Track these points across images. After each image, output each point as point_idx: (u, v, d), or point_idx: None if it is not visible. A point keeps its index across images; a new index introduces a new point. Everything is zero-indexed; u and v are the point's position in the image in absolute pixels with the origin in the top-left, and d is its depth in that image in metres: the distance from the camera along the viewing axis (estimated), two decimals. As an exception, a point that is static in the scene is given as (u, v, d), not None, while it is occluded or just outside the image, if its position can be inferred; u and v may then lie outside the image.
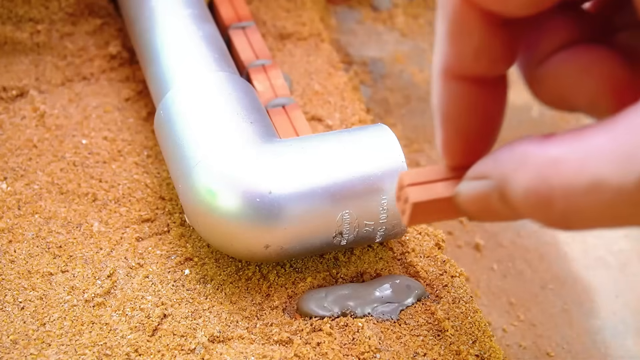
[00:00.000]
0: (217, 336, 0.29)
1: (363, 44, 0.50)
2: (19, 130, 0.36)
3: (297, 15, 0.45)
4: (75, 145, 0.36)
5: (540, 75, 0.23)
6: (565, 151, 0.20)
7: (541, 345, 0.36)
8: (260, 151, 0.30)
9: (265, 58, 0.38)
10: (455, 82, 0.23)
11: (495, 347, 0.30)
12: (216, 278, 0.31)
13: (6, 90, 0.38)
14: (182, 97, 0.32)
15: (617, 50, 0.21)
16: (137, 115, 0.38)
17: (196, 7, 0.38)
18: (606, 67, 0.22)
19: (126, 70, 0.40)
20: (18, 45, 0.40)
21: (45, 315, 0.29)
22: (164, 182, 0.35)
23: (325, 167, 0.29)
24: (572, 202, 0.20)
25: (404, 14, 0.53)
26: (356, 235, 0.30)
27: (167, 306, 0.30)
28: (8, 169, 0.35)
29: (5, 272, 0.31)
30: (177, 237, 0.33)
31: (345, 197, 0.29)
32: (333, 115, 0.39)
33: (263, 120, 0.32)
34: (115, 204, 0.34)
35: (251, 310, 0.30)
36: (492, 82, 0.24)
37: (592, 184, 0.19)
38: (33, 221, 0.33)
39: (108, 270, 0.31)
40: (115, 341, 0.28)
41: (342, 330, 0.29)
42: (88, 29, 0.42)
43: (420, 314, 0.30)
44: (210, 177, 0.29)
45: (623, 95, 0.21)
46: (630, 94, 0.20)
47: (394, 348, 0.29)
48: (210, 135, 0.30)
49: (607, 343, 0.37)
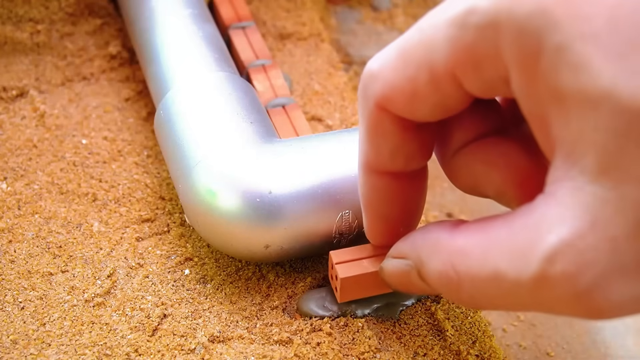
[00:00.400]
0: (217, 336, 0.29)
1: (363, 44, 0.50)
2: (19, 130, 0.36)
3: (297, 15, 0.45)
4: (75, 145, 0.36)
5: (454, 166, 0.25)
6: (470, 243, 0.22)
7: (541, 345, 0.36)
8: (260, 151, 0.30)
9: (265, 58, 0.38)
10: (375, 176, 0.25)
11: (495, 347, 0.30)
12: (216, 278, 0.31)
13: (6, 90, 0.38)
14: (182, 97, 0.32)
15: (523, 141, 0.23)
16: (137, 115, 0.38)
17: (196, 7, 0.38)
18: (511, 160, 0.23)
19: (126, 70, 0.40)
20: (18, 45, 0.40)
21: (45, 315, 0.29)
22: (164, 182, 0.35)
23: (325, 167, 0.29)
24: (477, 288, 0.21)
25: (404, 14, 0.53)
26: (356, 235, 0.30)
27: (167, 306, 0.30)
28: (8, 169, 0.35)
29: (5, 272, 0.31)
30: (177, 237, 0.33)
31: (345, 197, 0.29)
32: (333, 115, 0.39)
33: (263, 120, 0.32)
34: (115, 204, 0.34)
35: (251, 310, 0.30)
36: (411, 175, 0.25)
37: (493, 276, 0.20)
38: (33, 221, 0.33)
39: (108, 270, 0.31)
40: (115, 341, 0.28)
41: (342, 330, 0.29)
42: (88, 29, 0.42)
43: (420, 314, 0.30)
44: (210, 177, 0.29)
45: (527, 187, 0.22)
46: (534, 184, 0.21)
47: (394, 348, 0.29)
48: (210, 135, 0.30)
49: (607, 343, 0.37)
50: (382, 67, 0.22)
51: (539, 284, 0.19)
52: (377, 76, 0.22)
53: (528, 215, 0.20)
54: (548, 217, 0.19)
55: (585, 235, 0.18)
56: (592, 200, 0.18)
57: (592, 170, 0.18)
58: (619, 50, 0.18)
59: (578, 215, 0.19)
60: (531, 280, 0.19)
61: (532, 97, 0.19)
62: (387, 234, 0.27)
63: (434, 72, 0.21)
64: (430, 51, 0.21)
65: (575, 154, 0.19)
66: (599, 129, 0.18)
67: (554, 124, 0.19)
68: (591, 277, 0.19)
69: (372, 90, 0.23)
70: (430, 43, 0.21)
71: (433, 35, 0.21)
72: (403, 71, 0.22)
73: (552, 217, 0.19)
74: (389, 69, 0.22)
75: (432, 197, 0.40)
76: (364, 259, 0.28)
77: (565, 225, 0.19)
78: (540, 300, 0.20)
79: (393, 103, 0.22)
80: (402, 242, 0.25)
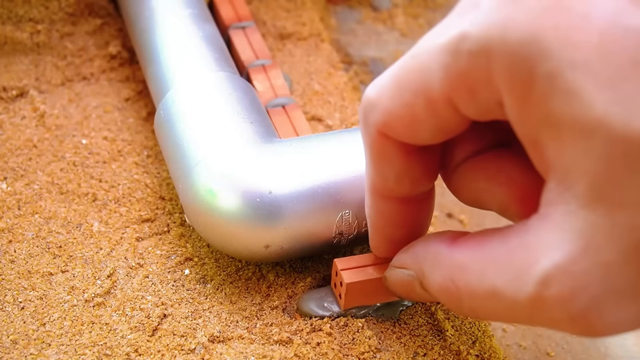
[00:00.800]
0: (217, 336, 0.29)
1: (363, 44, 0.50)
2: (19, 130, 0.36)
3: (297, 15, 0.45)
4: (75, 145, 0.36)
5: (456, 180, 0.25)
6: (469, 258, 0.22)
7: (541, 345, 0.36)
8: (260, 151, 0.30)
9: (265, 58, 0.38)
10: (383, 200, 0.25)
11: (495, 347, 0.30)
12: (216, 278, 0.31)
13: (6, 90, 0.38)
14: (182, 97, 0.32)
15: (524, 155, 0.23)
16: (137, 115, 0.38)
17: (196, 7, 0.38)
18: (513, 176, 0.23)
19: (126, 70, 0.40)
20: (18, 45, 0.40)
21: (45, 315, 0.29)
22: (164, 182, 0.35)
23: (325, 167, 0.29)
24: (477, 303, 0.22)
25: (404, 14, 0.53)
26: (356, 235, 0.30)
27: (167, 306, 0.30)
28: (8, 169, 0.35)
29: (5, 272, 0.31)
30: (177, 237, 0.33)
31: (345, 197, 0.29)
32: (333, 115, 0.39)
33: (263, 120, 0.32)
34: (115, 204, 0.34)
35: (251, 310, 0.30)
36: (418, 197, 0.25)
37: (491, 293, 0.21)
38: (33, 221, 0.33)
39: (108, 270, 0.31)
40: (115, 341, 0.28)
41: (342, 330, 0.29)
42: (88, 29, 0.42)
43: (420, 314, 0.30)
44: (210, 177, 0.29)
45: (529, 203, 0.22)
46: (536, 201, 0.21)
47: (394, 348, 0.29)
48: (210, 135, 0.30)
49: (607, 343, 0.37)
50: (379, 94, 0.23)
51: (535, 305, 0.20)
52: (376, 104, 0.23)
53: (523, 235, 0.20)
54: (542, 239, 0.20)
55: (578, 260, 0.19)
56: (585, 226, 0.18)
57: (584, 196, 0.18)
58: (610, 78, 0.18)
59: (571, 239, 0.19)
60: (527, 301, 0.20)
61: (526, 123, 0.19)
62: (392, 251, 0.27)
63: (430, 97, 0.21)
64: (425, 77, 0.21)
65: (568, 180, 0.19)
66: (591, 157, 0.18)
67: (547, 149, 0.19)
68: (585, 300, 0.19)
69: (372, 118, 0.23)
70: (424, 69, 0.21)
71: (427, 62, 0.21)
72: (400, 98, 0.22)
73: (546, 240, 0.19)
74: (386, 96, 0.22)
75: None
76: (368, 266, 0.28)
77: (559, 250, 0.19)
78: (538, 318, 0.20)
79: (393, 129, 0.23)
80: (404, 253, 0.26)
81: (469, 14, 0.20)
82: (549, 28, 0.18)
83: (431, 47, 0.21)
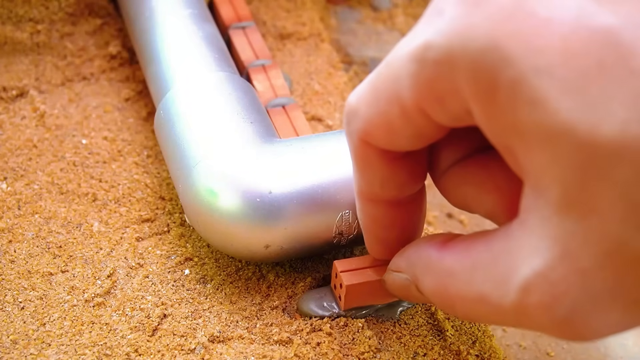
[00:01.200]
0: (217, 336, 0.29)
1: (363, 44, 0.50)
2: (19, 130, 0.36)
3: (297, 15, 0.45)
4: (75, 145, 0.36)
5: (444, 184, 0.25)
6: (457, 264, 0.22)
7: (541, 345, 0.36)
8: (260, 151, 0.30)
9: (265, 58, 0.38)
10: (371, 204, 0.25)
11: (495, 347, 0.30)
12: (216, 278, 0.31)
13: (6, 90, 0.38)
14: (182, 97, 0.32)
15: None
16: (137, 115, 0.38)
17: (196, 7, 0.38)
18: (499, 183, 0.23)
19: (126, 70, 0.40)
20: (18, 45, 0.40)
21: (45, 315, 0.29)
22: (164, 182, 0.35)
23: (326, 167, 0.29)
24: (468, 307, 0.22)
25: (404, 14, 0.53)
26: (356, 235, 0.30)
27: (167, 306, 0.30)
28: (8, 169, 0.35)
29: (5, 272, 0.31)
30: (177, 237, 0.33)
31: (345, 197, 0.29)
32: (333, 115, 0.39)
33: (263, 120, 0.32)
34: (115, 204, 0.34)
35: (251, 310, 0.30)
36: (407, 199, 0.25)
37: (479, 299, 0.21)
38: (33, 221, 0.33)
39: (108, 270, 0.31)
40: (115, 341, 0.28)
41: (342, 330, 0.29)
42: (88, 29, 0.42)
43: (420, 314, 0.30)
44: (210, 177, 0.29)
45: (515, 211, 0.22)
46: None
47: (394, 348, 0.29)
48: (210, 135, 0.30)
49: (606, 343, 0.37)
50: (358, 102, 0.23)
51: (519, 311, 0.20)
52: (356, 112, 0.23)
53: (505, 240, 0.20)
54: (521, 246, 0.20)
55: (556, 267, 0.19)
56: (560, 232, 0.18)
57: (557, 203, 0.18)
58: (574, 83, 0.17)
59: (548, 246, 0.19)
60: (511, 308, 0.20)
61: (495, 130, 0.19)
62: (387, 252, 0.27)
63: (403, 106, 0.21)
64: (397, 86, 0.21)
65: (540, 186, 0.19)
66: (560, 164, 0.18)
67: (518, 156, 0.19)
68: (567, 306, 0.19)
69: (353, 125, 0.23)
70: (396, 78, 0.21)
71: (398, 70, 0.21)
72: (376, 106, 0.22)
73: (525, 247, 0.19)
74: (364, 104, 0.22)
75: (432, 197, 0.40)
76: (367, 267, 0.28)
77: (537, 257, 0.19)
78: (524, 323, 0.20)
79: (373, 137, 0.23)
80: (398, 258, 0.26)
81: (434, 22, 0.20)
82: (510, 34, 0.18)
83: (401, 54, 0.21)
